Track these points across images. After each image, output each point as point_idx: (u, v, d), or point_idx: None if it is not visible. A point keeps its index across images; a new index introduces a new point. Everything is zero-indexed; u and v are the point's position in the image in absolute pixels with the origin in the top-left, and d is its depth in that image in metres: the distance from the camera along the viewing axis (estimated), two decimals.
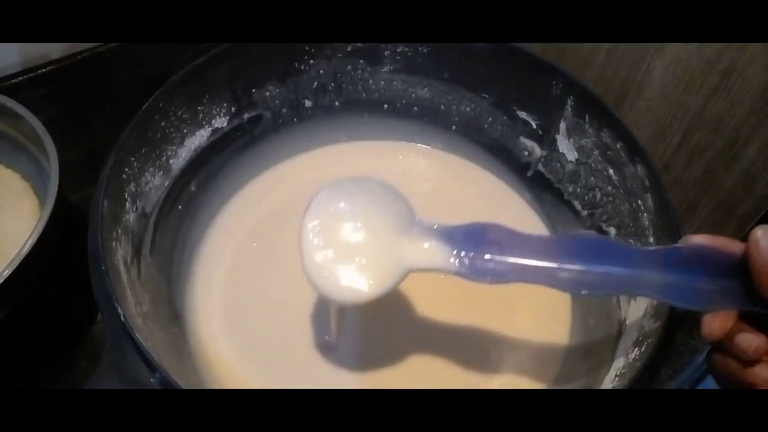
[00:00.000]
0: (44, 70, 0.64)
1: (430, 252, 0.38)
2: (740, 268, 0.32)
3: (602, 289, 0.36)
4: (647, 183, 0.46)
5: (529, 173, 0.55)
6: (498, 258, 0.37)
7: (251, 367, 0.47)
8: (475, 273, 0.37)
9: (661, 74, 0.52)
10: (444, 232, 0.38)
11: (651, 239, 0.45)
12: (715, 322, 0.33)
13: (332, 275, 0.37)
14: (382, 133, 0.59)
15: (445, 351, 0.48)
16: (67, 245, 0.50)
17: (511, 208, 0.56)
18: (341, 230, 0.38)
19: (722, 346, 0.34)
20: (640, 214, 0.46)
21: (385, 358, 0.48)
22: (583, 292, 0.36)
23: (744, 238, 0.32)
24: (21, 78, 0.63)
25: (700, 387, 0.54)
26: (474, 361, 0.48)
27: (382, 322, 0.49)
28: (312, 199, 0.39)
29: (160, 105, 0.47)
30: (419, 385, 0.46)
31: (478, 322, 0.49)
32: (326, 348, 0.48)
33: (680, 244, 0.35)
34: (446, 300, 0.50)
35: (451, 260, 0.37)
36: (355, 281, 0.37)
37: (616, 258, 0.35)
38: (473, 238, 0.38)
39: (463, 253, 0.37)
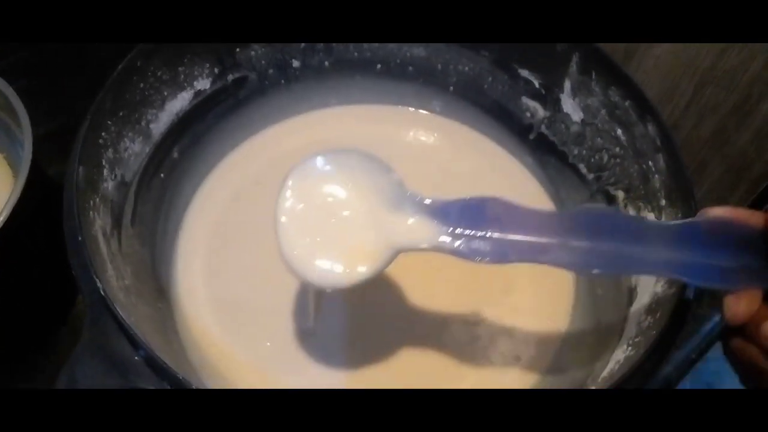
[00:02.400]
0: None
1: (423, 230, 0.34)
2: (765, 243, 0.30)
3: (613, 268, 0.34)
4: (658, 142, 0.43)
5: (532, 136, 0.52)
6: (498, 236, 0.33)
7: (238, 344, 0.45)
8: (473, 253, 0.33)
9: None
10: (438, 208, 0.34)
11: (663, 202, 0.43)
12: (740, 305, 0.30)
13: (311, 259, 0.34)
14: (375, 96, 0.57)
15: (436, 322, 0.46)
16: (43, 218, 0.47)
17: (511, 174, 0.54)
18: (321, 208, 0.34)
19: (743, 330, 0.31)
20: (650, 176, 0.44)
21: (369, 341, 0.45)
22: (594, 271, 0.33)
23: (756, 200, 0.30)
24: None
25: (705, 358, 0.53)
26: (471, 325, 0.46)
27: (367, 305, 0.46)
28: (288, 175, 0.35)
29: (138, 64, 0.44)
30: (409, 367, 0.44)
31: (477, 286, 0.47)
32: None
33: (697, 218, 0.32)
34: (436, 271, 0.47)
35: (446, 239, 0.34)
36: (338, 265, 0.34)
37: (627, 233, 0.33)
38: (471, 214, 0.34)
39: (459, 231, 0.34)
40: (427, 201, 0.35)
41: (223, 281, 0.47)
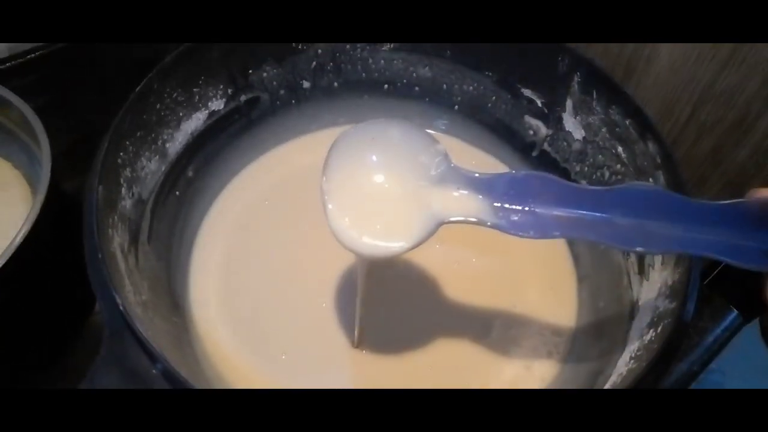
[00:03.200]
0: (33, 55, 0.62)
1: (466, 202, 0.34)
2: None
3: (659, 246, 0.33)
4: (659, 160, 0.44)
5: (534, 153, 0.54)
6: (542, 211, 0.34)
7: (252, 357, 0.46)
8: (515, 227, 0.34)
9: (669, 47, 0.51)
10: (482, 181, 0.35)
11: None
12: None
13: (359, 228, 0.35)
14: (383, 115, 0.57)
15: (448, 333, 0.47)
16: (60, 234, 0.49)
17: None
18: (366, 179, 0.35)
19: None
20: None
21: (386, 338, 0.46)
22: (638, 249, 0.33)
23: None
24: (9, 64, 0.61)
25: (708, 369, 0.54)
26: (480, 344, 0.47)
27: (383, 302, 0.47)
28: (333, 145, 0.36)
29: (155, 86, 0.45)
30: (420, 369, 0.45)
31: (484, 304, 0.48)
32: (341, 341, 0.46)
33: (744, 198, 0.32)
34: (451, 280, 0.49)
35: (490, 212, 0.34)
36: (384, 234, 0.34)
37: (672, 212, 0.32)
38: (516, 189, 0.34)
39: (503, 205, 0.34)
40: (475, 174, 0.35)
41: (236, 294, 0.48)
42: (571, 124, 0.50)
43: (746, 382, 0.64)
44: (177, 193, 0.49)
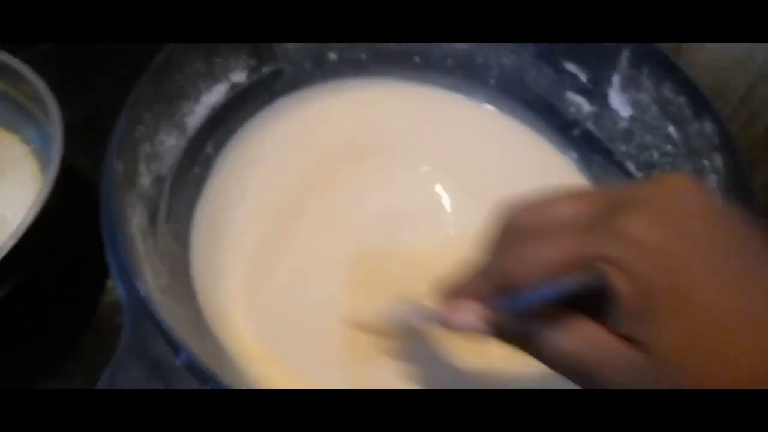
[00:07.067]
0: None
1: None
2: None
3: None
4: (716, 141, 0.41)
5: (576, 132, 0.51)
6: None
7: (276, 347, 0.42)
8: None
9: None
10: None
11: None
12: None
13: None
14: (412, 89, 0.54)
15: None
16: (71, 213, 0.46)
17: (556, 170, 0.51)
18: None
19: None
20: (706, 176, 0.42)
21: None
22: None
23: None
24: None
25: None
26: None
27: None
28: None
29: (175, 56, 0.42)
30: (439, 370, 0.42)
31: None
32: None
33: None
34: None
35: None
36: None
37: None
38: None
39: None
40: None
41: (258, 281, 0.45)
42: (617, 101, 0.47)
43: None
44: (196, 170, 0.46)
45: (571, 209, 0.26)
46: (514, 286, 0.26)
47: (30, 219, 0.40)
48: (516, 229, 0.28)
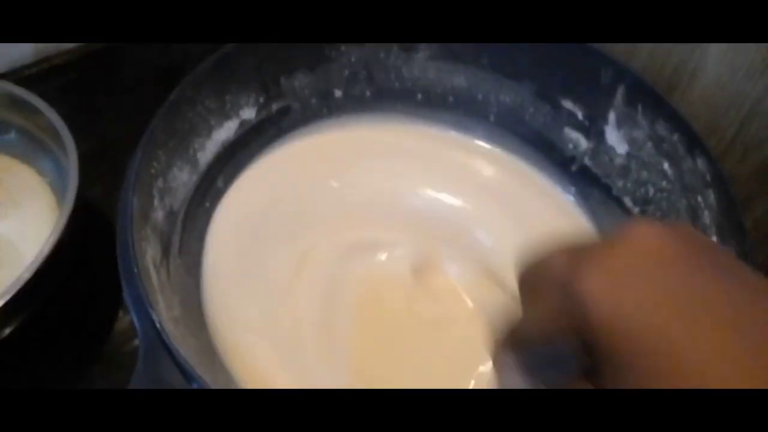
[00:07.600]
0: (58, 61, 0.61)
1: None
2: None
3: None
4: (708, 178, 0.43)
5: (574, 167, 0.52)
6: None
7: (283, 372, 0.44)
8: None
9: (716, 61, 0.49)
10: None
11: (713, 239, 0.42)
12: None
13: None
14: (414, 125, 0.56)
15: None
16: (85, 244, 0.47)
17: (553, 205, 0.53)
18: None
19: None
20: (700, 212, 0.44)
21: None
22: None
23: None
24: (34, 69, 0.60)
25: None
26: None
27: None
28: None
29: (188, 93, 0.44)
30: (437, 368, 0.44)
31: None
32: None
33: None
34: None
35: None
36: None
37: None
38: None
39: None
40: None
41: (264, 311, 0.46)
42: (614, 137, 0.49)
43: None
44: (207, 204, 0.48)
45: (554, 269, 0.30)
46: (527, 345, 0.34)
47: (47, 251, 0.42)
48: (524, 289, 0.33)
